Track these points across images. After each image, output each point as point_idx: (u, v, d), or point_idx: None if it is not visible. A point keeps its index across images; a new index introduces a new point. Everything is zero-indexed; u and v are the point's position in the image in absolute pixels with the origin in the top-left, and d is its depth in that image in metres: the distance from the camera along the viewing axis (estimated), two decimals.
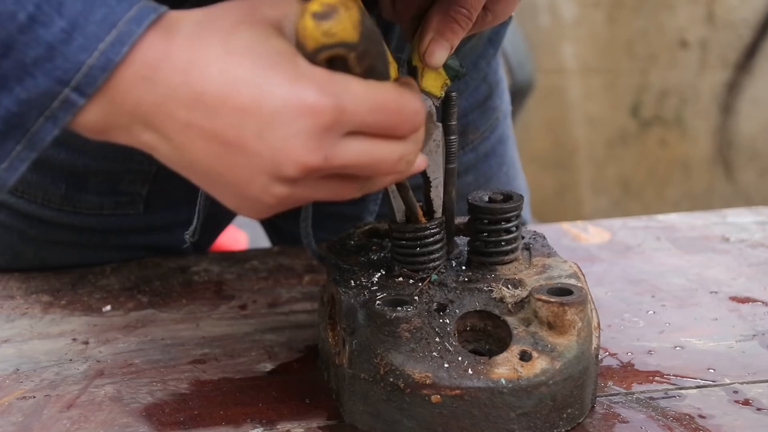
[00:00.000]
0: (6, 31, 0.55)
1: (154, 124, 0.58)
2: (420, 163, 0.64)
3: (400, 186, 0.72)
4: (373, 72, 0.59)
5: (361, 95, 0.57)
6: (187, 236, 0.85)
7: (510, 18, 1.03)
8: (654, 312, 0.90)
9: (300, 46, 0.57)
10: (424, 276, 0.75)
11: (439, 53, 0.71)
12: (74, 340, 0.86)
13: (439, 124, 0.74)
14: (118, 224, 0.98)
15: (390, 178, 0.64)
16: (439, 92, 0.73)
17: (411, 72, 0.73)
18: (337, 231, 0.83)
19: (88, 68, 0.56)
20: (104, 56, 0.56)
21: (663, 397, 0.75)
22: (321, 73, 0.57)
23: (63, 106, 0.57)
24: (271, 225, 1.17)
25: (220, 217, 1.06)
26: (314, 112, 0.56)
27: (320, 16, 0.54)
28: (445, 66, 0.73)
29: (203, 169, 0.59)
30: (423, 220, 0.75)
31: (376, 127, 0.59)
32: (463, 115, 0.98)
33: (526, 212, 1.18)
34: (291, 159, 0.57)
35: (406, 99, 0.59)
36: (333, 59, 0.57)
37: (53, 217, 0.96)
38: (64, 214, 0.96)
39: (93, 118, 0.59)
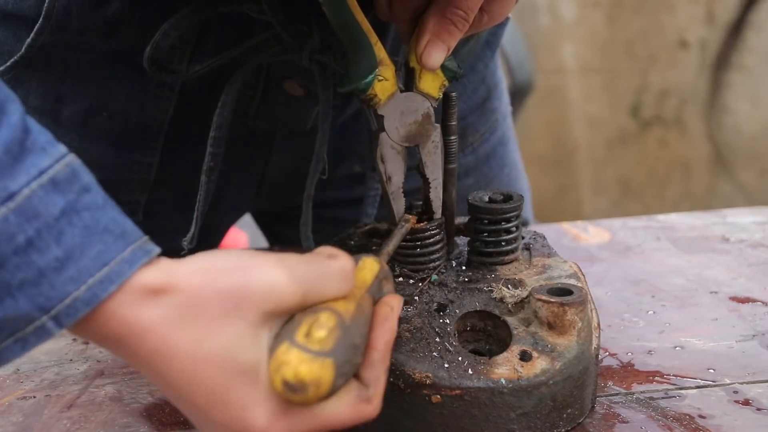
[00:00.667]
0: (1, 250, 0.55)
1: (125, 356, 0.59)
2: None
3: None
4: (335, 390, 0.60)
5: (300, 429, 0.58)
6: (185, 243, 0.85)
7: (507, 19, 1.03)
8: (654, 312, 0.90)
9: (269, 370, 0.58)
10: (425, 276, 0.75)
11: (436, 55, 0.72)
12: (74, 340, 0.86)
13: (438, 126, 0.74)
14: None
15: None
16: (437, 93, 0.73)
17: (408, 73, 0.73)
18: (336, 236, 0.83)
19: (73, 300, 0.56)
20: (91, 291, 0.56)
21: (663, 397, 0.75)
22: (273, 407, 0.58)
23: (36, 332, 0.57)
24: (271, 231, 1.17)
25: (218, 226, 1.06)
26: None
27: (290, 388, 0.56)
28: (443, 67, 0.73)
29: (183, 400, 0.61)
30: (413, 224, 0.75)
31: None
32: (461, 117, 0.98)
33: (528, 213, 1.18)
34: None
35: (364, 410, 0.61)
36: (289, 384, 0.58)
37: None
38: None
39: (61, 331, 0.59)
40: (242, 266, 0.58)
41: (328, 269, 0.60)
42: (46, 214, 0.55)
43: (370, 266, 0.64)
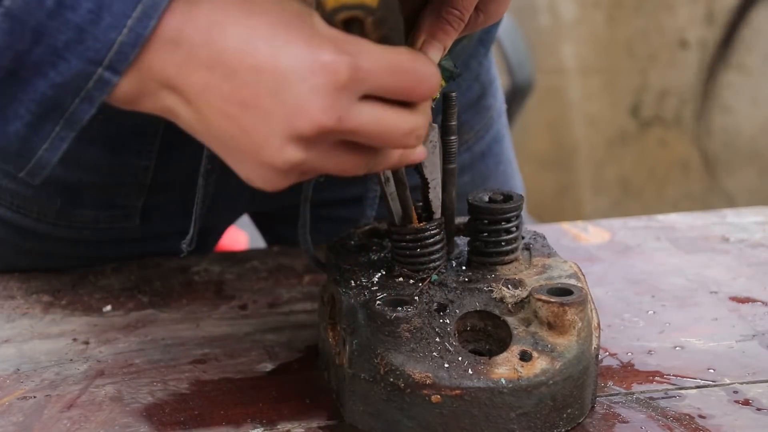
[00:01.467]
0: (35, 18, 0.57)
1: (177, 87, 0.59)
2: (419, 153, 0.65)
3: (398, 182, 0.73)
4: (388, 40, 0.59)
5: (376, 56, 0.58)
6: (184, 245, 0.85)
7: (501, 18, 1.03)
8: (654, 312, 0.90)
9: (319, 5, 0.58)
10: (425, 276, 0.75)
11: (432, 54, 0.72)
12: (75, 340, 0.86)
13: (435, 125, 0.74)
14: (113, 236, 0.98)
15: (397, 154, 0.64)
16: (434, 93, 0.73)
17: None
18: (336, 236, 0.83)
19: (119, 45, 0.57)
20: (133, 32, 0.57)
21: (663, 397, 0.75)
22: (337, 34, 0.57)
23: (97, 85, 0.59)
24: (269, 230, 1.17)
25: (216, 226, 1.06)
26: (329, 70, 0.56)
27: None
28: (440, 67, 0.73)
29: (220, 133, 0.60)
30: (416, 222, 0.75)
31: (392, 89, 0.59)
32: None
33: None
34: (305, 117, 0.57)
35: (421, 62, 0.60)
36: (350, 22, 0.58)
37: (48, 230, 0.96)
38: (60, 228, 0.96)
39: (124, 90, 0.60)
40: None
41: None
42: None
43: None
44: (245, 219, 1.16)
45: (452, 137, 0.75)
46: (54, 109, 0.60)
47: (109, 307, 0.92)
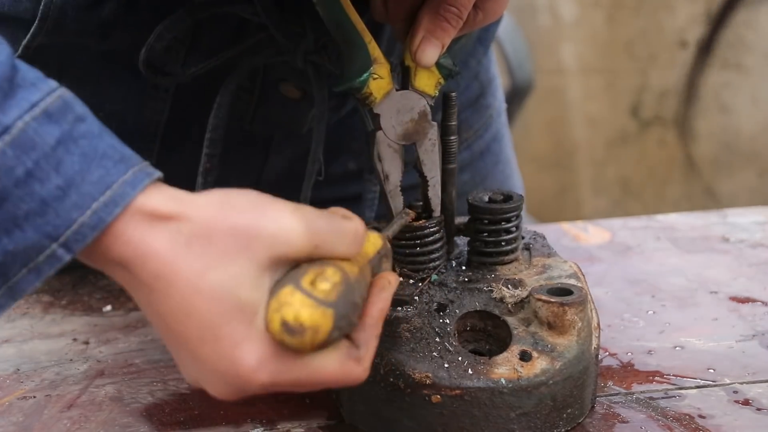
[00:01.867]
0: (2, 183, 0.56)
1: (126, 282, 0.60)
2: None
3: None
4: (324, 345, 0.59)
5: (297, 376, 0.59)
6: None
7: (501, 17, 1.03)
8: (654, 312, 0.90)
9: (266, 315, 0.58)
10: (424, 276, 0.75)
11: (430, 52, 0.72)
12: (75, 340, 0.86)
13: (434, 123, 0.74)
14: None
15: None
16: (433, 91, 0.73)
17: (404, 72, 0.73)
18: None
19: (79, 226, 0.57)
20: (96, 215, 0.57)
21: (663, 397, 0.75)
22: (265, 345, 0.57)
23: (48, 260, 0.58)
24: None
25: None
26: (240, 381, 0.58)
27: (288, 329, 0.56)
28: (438, 65, 0.73)
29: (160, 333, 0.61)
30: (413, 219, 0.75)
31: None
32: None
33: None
34: (214, 391, 0.60)
35: (350, 371, 0.61)
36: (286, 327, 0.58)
37: None
38: None
39: (75, 257, 0.60)
40: (258, 207, 0.59)
41: (342, 228, 0.60)
42: (43, 144, 0.56)
43: (374, 240, 0.65)
44: None
45: (452, 137, 0.76)
46: None
47: (109, 307, 0.92)
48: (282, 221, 0.58)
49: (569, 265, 0.77)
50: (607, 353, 0.82)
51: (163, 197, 0.58)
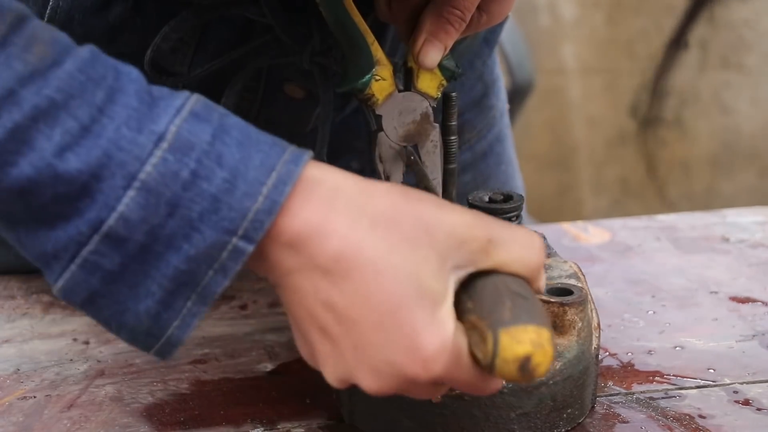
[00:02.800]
0: (171, 190, 0.55)
1: (300, 265, 0.58)
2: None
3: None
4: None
5: (462, 376, 0.58)
6: None
7: (506, 18, 1.03)
8: (654, 312, 0.90)
9: (476, 344, 0.57)
10: None
11: (433, 54, 0.72)
12: (75, 340, 0.86)
13: (437, 125, 0.74)
14: None
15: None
16: (435, 93, 0.73)
17: (406, 73, 0.73)
18: None
19: (255, 213, 0.56)
20: (269, 199, 0.56)
21: (663, 397, 0.75)
22: (444, 341, 0.56)
23: (231, 256, 0.56)
24: None
25: None
26: (417, 367, 0.56)
27: (523, 368, 0.55)
28: (441, 66, 0.73)
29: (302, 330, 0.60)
30: None
31: (461, 388, 0.61)
32: (459, 114, 0.98)
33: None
34: (371, 383, 0.58)
35: (493, 385, 0.60)
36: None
37: None
38: None
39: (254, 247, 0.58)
40: (438, 201, 0.60)
41: (517, 230, 0.60)
42: (199, 142, 0.56)
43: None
44: None
45: (452, 137, 0.76)
46: (187, 284, 0.57)
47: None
48: (456, 213, 0.58)
49: (569, 265, 0.77)
50: (607, 353, 0.82)
51: (335, 174, 0.58)
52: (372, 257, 0.56)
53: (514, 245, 0.59)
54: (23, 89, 0.54)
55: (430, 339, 0.56)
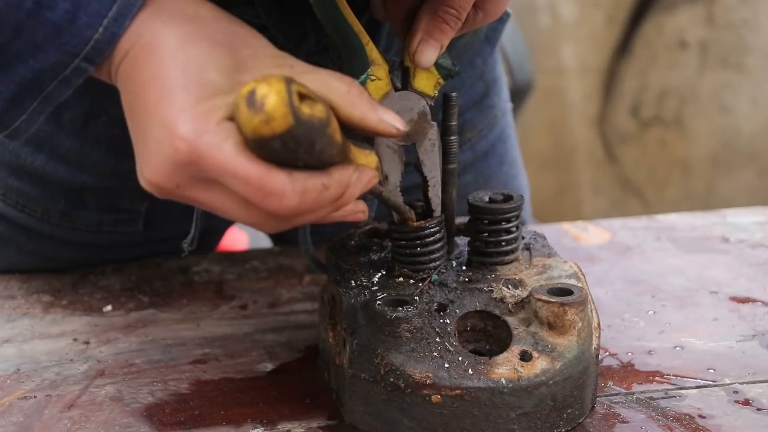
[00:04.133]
0: (15, 17, 0.61)
1: (125, 74, 0.64)
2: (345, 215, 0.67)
3: (376, 195, 0.73)
4: (295, 162, 0.59)
5: (225, 157, 0.59)
6: (185, 245, 0.85)
7: (508, 16, 1.03)
8: (654, 312, 0.90)
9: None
10: (425, 276, 0.75)
11: (429, 53, 0.72)
12: (75, 340, 0.86)
13: (434, 124, 0.74)
14: (116, 240, 0.98)
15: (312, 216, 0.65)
16: (433, 91, 0.73)
17: (403, 72, 0.73)
18: (336, 236, 0.83)
19: (95, 42, 0.62)
20: (108, 31, 0.62)
21: (663, 397, 0.75)
22: (210, 121, 0.59)
23: (74, 72, 0.64)
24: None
25: (217, 227, 1.06)
26: (172, 144, 0.59)
27: (249, 101, 0.56)
28: (437, 65, 0.73)
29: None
30: (413, 220, 0.75)
31: (240, 192, 0.60)
32: (459, 113, 0.98)
33: (525, 212, 1.17)
34: (149, 171, 0.62)
35: (271, 181, 0.59)
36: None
37: (51, 231, 0.96)
38: (63, 230, 0.96)
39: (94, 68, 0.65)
40: (255, 33, 0.66)
41: (324, 70, 0.64)
42: None
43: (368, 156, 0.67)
44: None
45: (452, 137, 0.76)
46: (33, 89, 0.65)
47: (109, 307, 0.92)
48: (270, 47, 0.65)
49: (569, 265, 0.77)
50: (608, 353, 0.82)
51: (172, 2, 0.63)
52: (169, 45, 0.62)
53: (320, 73, 0.63)
54: None
55: (189, 117, 0.59)
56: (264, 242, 1.25)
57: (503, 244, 0.76)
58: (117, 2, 0.62)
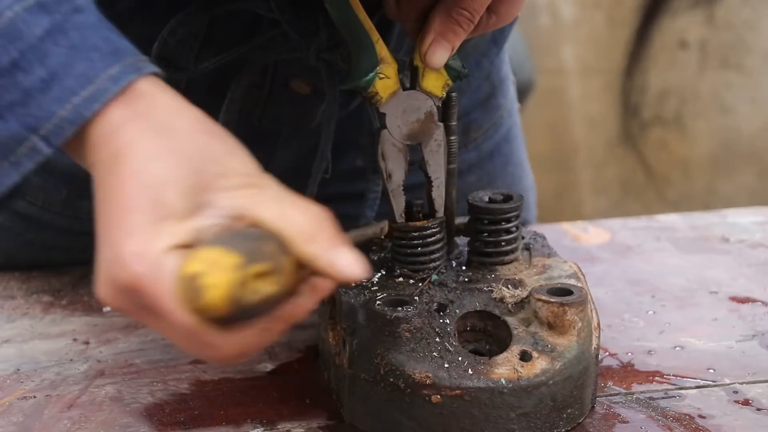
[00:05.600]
0: None
1: (94, 164, 0.60)
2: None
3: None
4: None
5: (161, 298, 0.56)
6: None
7: (515, 19, 1.03)
8: (654, 312, 0.90)
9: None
10: (425, 276, 0.75)
11: (440, 54, 0.72)
12: (75, 340, 0.86)
13: (441, 124, 0.74)
14: None
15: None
16: (441, 92, 0.73)
17: (412, 72, 0.73)
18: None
19: (59, 119, 0.57)
20: (75, 111, 0.57)
21: (663, 397, 0.75)
22: (155, 248, 0.56)
23: (29, 153, 0.58)
24: None
25: None
26: (117, 270, 0.57)
27: (192, 285, 0.53)
28: (447, 66, 0.73)
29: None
30: (388, 235, 0.75)
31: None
32: (465, 113, 0.98)
33: (531, 213, 1.17)
34: (98, 288, 0.59)
35: (205, 334, 0.56)
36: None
37: (53, 220, 0.96)
38: (64, 219, 0.96)
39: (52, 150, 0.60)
40: (232, 142, 0.60)
41: (294, 197, 0.59)
42: (30, 35, 0.56)
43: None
44: None
45: (452, 137, 0.76)
46: None
47: (109, 307, 0.92)
48: (246, 162, 0.59)
49: (569, 265, 0.77)
50: (607, 353, 0.82)
51: (163, 93, 0.59)
52: (136, 160, 0.57)
53: (284, 202, 0.58)
54: None
55: (134, 242, 0.56)
56: None
57: (503, 244, 0.76)
58: (93, 84, 0.57)
